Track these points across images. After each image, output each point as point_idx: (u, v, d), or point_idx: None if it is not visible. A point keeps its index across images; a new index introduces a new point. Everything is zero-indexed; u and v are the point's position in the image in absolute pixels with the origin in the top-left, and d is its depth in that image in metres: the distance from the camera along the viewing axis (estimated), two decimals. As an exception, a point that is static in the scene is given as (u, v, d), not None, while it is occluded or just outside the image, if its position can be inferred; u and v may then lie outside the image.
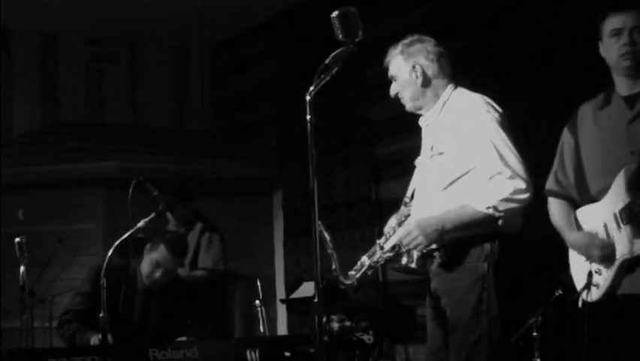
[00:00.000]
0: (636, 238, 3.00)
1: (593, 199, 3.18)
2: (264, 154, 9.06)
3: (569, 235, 3.28)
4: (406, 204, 3.53)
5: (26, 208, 8.04)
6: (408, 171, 3.71)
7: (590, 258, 3.18)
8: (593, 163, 3.19)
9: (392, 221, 3.54)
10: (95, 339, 4.52)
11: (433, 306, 3.44)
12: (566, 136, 3.33)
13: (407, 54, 3.45)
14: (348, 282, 3.41)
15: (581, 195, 3.26)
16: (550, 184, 3.38)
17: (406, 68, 3.44)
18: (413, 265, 3.39)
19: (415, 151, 3.65)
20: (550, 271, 5.15)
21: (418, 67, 3.43)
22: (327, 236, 3.34)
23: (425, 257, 3.41)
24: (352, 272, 3.43)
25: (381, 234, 3.56)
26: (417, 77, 3.43)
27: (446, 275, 3.31)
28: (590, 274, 3.16)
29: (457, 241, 3.27)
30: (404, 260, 3.41)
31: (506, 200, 3.17)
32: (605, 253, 3.10)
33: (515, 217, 3.28)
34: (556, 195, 3.36)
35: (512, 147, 3.25)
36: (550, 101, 6.10)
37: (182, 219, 6.54)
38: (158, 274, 4.80)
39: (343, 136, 8.04)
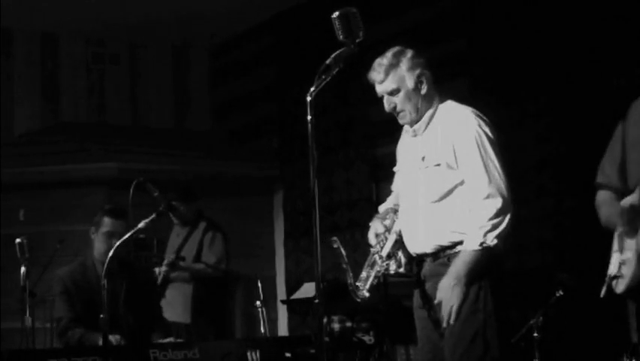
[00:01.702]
0: None
1: (631, 191, 3.18)
2: (264, 154, 9.06)
3: (600, 214, 3.27)
4: (395, 212, 3.55)
5: (27, 209, 8.05)
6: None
7: (616, 227, 3.17)
8: (634, 155, 3.19)
9: (379, 228, 3.53)
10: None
11: (424, 307, 3.46)
12: (617, 129, 3.32)
13: (408, 64, 3.39)
14: (362, 294, 3.42)
15: (623, 187, 3.25)
16: (597, 176, 3.37)
17: (411, 78, 3.38)
18: (402, 270, 3.44)
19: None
20: (551, 271, 5.16)
21: (423, 77, 3.39)
22: (343, 252, 3.36)
23: (412, 261, 3.46)
24: (359, 284, 3.44)
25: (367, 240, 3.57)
26: (422, 88, 3.40)
27: (441, 277, 3.33)
28: (619, 265, 3.15)
29: (453, 244, 3.30)
30: (393, 266, 3.44)
31: (492, 228, 3.22)
32: (626, 218, 3.09)
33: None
34: (600, 186, 3.35)
35: (498, 165, 3.30)
36: (551, 101, 6.11)
37: (183, 219, 6.54)
38: (115, 241, 4.67)
39: (344, 136, 8.05)
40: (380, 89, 3.45)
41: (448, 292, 3.24)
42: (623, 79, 5.53)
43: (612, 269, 3.14)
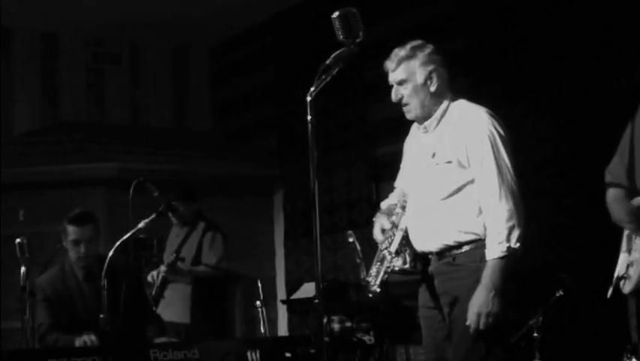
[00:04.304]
0: None
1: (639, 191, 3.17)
2: (264, 155, 9.06)
3: (611, 212, 3.25)
4: (403, 208, 3.53)
5: (27, 209, 8.04)
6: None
7: (625, 227, 3.17)
8: None
9: (385, 224, 3.52)
10: (79, 341, 4.47)
11: (429, 306, 3.46)
12: (628, 128, 3.30)
13: (423, 59, 3.39)
14: (374, 290, 3.42)
15: (631, 186, 3.24)
16: (606, 175, 3.35)
17: (422, 73, 3.38)
18: (407, 267, 3.43)
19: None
20: (551, 271, 5.15)
21: (434, 74, 3.39)
22: (358, 246, 3.35)
23: (417, 259, 3.45)
24: (370, 279, 3.44)
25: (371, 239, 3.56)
26: (431, 84, 3.40)
27: (448, 275, 3.33)
28: (627, 266, 3.15)
29: (459, 244, 3.30)
30: (399, 262, 3.43)
31: (510, 230, 3.22)
32: (634, 218, 3.08)
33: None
34: (610, 185, 3.33)
35: (510, 166, 3.29)
36: (551, 101, 6.11)
37: (183, 219, 6.54)
38: (83, 249, 4.69)
39: (344, 137, 8.05)
40: (391, 77, 3.45)
41: (486, 303, 3.20)
42: (623, 79, 5.53)
43: (619, 269, 3.14)
